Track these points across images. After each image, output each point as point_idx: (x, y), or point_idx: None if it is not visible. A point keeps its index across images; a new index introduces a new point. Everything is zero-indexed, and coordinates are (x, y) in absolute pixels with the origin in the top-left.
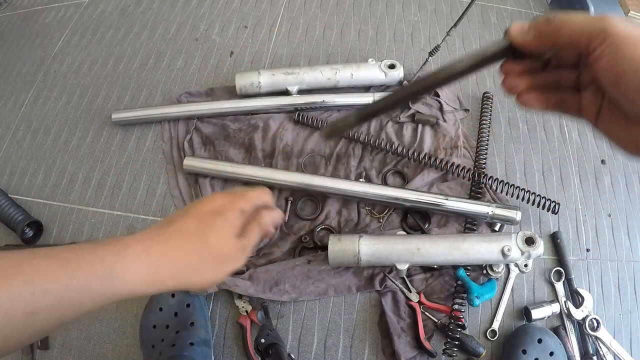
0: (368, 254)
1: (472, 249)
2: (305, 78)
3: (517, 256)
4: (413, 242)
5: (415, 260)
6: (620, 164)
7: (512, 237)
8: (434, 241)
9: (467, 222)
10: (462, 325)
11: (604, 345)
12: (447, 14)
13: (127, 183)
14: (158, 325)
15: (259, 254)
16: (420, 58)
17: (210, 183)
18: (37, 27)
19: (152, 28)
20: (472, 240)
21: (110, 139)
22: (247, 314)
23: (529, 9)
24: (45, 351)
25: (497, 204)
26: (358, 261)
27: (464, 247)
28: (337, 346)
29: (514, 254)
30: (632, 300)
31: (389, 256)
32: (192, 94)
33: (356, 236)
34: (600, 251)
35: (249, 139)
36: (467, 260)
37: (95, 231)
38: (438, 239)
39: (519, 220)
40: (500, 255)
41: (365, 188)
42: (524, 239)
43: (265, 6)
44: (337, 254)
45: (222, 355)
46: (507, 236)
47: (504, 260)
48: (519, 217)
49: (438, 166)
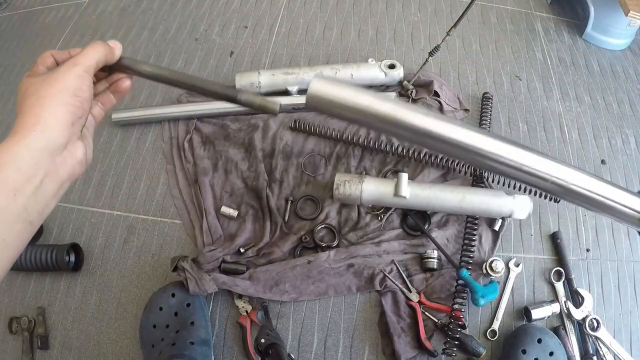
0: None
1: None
2: (305, 78)
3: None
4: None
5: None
6: (620, 164)
7: None
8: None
9: (468, 222)
10: (462, 325)
11: (604, 345)
12: (447, 14)
13: (127, 183)
14: (158, 325)
15: (259, 254)
16: (420, 58)
17: (210, 182)
18: (37, 27)
19: (152, 28)
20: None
21: (110, 139)
22: (247, 314)
23: (529, 9)
24: (45, 351)
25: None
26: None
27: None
28: (337, 346)
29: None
30: (632, 300)
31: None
32: (192, 94)
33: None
34: (600, 251)
35: (249, 139)
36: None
37: (95, 231)
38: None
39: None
40: None
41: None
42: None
43: (265, 6)
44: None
45: (222, 355)
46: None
47: None
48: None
49: (439, 164)
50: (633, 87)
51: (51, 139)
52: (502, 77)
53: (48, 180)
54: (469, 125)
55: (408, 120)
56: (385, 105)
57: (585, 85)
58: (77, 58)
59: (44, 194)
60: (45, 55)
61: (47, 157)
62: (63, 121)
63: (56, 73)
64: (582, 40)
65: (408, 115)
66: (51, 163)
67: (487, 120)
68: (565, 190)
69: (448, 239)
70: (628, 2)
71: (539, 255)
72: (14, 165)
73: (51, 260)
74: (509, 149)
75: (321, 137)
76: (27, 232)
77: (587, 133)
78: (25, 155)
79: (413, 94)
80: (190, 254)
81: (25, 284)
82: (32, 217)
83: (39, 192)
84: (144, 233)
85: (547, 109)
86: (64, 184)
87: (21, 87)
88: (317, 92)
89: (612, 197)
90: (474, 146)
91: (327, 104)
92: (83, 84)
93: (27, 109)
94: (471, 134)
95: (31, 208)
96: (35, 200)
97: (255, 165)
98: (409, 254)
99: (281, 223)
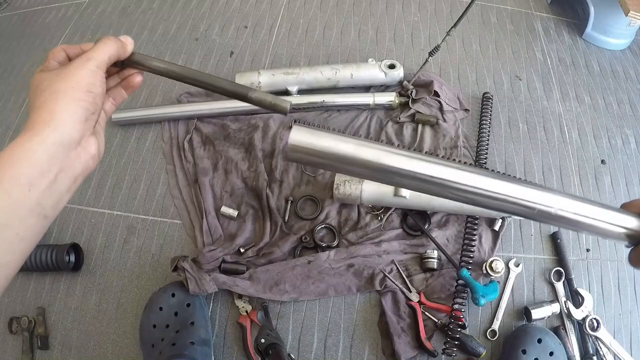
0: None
1: None
2: (305, 78)
3: None
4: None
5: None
6: (620, 164)
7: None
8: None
9: (468, 222)
10: (462, 325)
11: (604, 345)
12: (447, 14)
13: (127, 183)
14: (158, 325)
15: (259, 254)
16: (420, 58)
17: (210, 182)
18: (37, 27)
19: (152, 28)
20: None
21: (110, 139)
22: (247, 314)
23: (529, 9)
24: (45, 351)
25: None
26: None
27: None
28: (337, 346)
29: None
30: (632, 300)
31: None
32: (192, 94)
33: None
34: (600, 251)
35: (249, 139)
36: None
37: (95, 231)
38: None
39: None
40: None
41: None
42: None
43: (265, 6)
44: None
45: (222, 355)
46: None
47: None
48: None
49: None
50: (633, 87)
51: (65, 134)
52: (502, 77)
53: (62, 175)
54: (459, 164)
55: (396, 165)
56: (370, 152)
57: (585, 85)
58: (90, 53)
59: (58, 188)
60: (56, 50)
61: (61, 153)
62: (77, 117)
63: (69, 68)
64: (582, 40)
65: (394, 159)
66: (65, 158)
67: (487, 121)
68: (552, 217)
69: (448, 239)
70: (628, 2)
71: (539, 255)
72: (29, 162)
73: (51, 260)
74: (506, 187)
75: None
76: (41, 227)
77: (587, 133)
78: (39, 151)
79: (413, 94)
80: (190, 254)
81: (25, 284)
82: (46, 211)
83: (53, 187)
84: (144, 233)
85: (547, 109)
86: (77, 178)
87: (33, 83)
88: (298, 143)
89: (597, 216)
90: (467, 185)
91: (309, 155)
92: (96, 79)
93: (40, 105)
94: (463, 173)
95: (45, 203)
96: (49, 195)
97: (255, 165)
98: (409, 254)
99: (281, 223)
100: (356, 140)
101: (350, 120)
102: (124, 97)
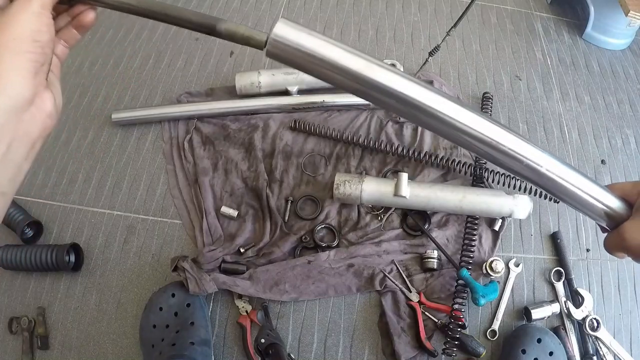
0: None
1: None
2: (305, 78)
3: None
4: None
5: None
6: (620, 164)
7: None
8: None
9: (468, 222)
10: (462, 325)
11: (604, 345)
12: (447, 14)
13: (127, 183)
14: (158, 325)
15: (259, 254)
16: (420, 58)
17: (210, 182)
18: None
19: (152, 28)
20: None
21: (110, 139)
22: (247, 314)
23: (529, 9)
24: (45, 351)
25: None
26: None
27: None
28: (337, 346)
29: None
30: (632, 300)
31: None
32: (192, 94)
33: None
34: (600, 251)
35: (249, 139)
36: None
37: (95, 231)
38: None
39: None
40: None
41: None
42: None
43: (265, 6)
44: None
45: (222, 355)
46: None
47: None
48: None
49: (439, 164)
50: (633, 87)
51: (13, 96)
52: (502, 77)
53: (17, 144)
54: (450, 96)
55: (380, 80)
56: (359, 62)
57: (585, 85)
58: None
59: (14, 159)
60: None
61: (12, 119)
62: (25, 73)
63: (7, 15)
64: (582, 40)
65: (381, 74)
66: (18, 124)
67: None
68: (539, 176)
69: (448, 239)
70: (628, 2)
71: (539, 255)
72: None
73: (51, 260)
74: (487, 126)
75: (321, 137)
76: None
77: (587, 133)
78: None
79: None
80: (190, 254)
81: (25, 284)
82: (3, 187)
83: (7, 159)
84: (144, 233)
85: (547, 109)
86: (35, 143)
87: None
88: (281, 38)
89: (583, 187)
90: (450, 117)
91: (292, 54)
92: (42, 24)
93: None
94: (450, 104)
95: (0, 178)
96: (3, 169)
97: (255, 165)
98: (409, 254)
99: (281, 223)
100: (346, 47)
101: (350, 120)
102: (77, 38)
